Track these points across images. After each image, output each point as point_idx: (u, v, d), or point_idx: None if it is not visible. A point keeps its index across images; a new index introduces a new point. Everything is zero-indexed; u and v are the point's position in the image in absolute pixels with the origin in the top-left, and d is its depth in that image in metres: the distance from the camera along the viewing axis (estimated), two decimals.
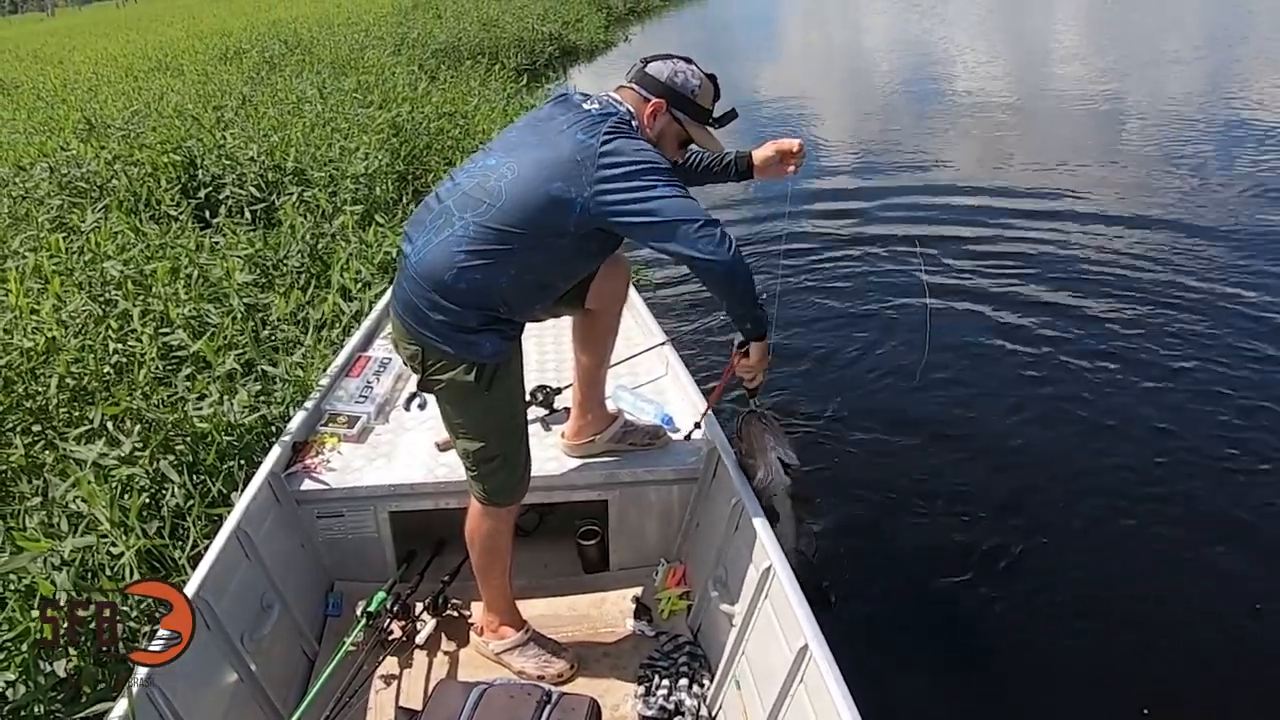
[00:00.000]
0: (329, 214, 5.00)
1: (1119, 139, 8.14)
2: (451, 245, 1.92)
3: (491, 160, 1.99)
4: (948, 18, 16.67)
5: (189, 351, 3.25)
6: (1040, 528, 3.23)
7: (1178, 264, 5.31)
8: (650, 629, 2.46)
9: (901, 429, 3.86)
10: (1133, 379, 4.14)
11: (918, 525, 3.29)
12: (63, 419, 3.07)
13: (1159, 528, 3.21)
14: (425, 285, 1.95)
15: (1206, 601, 2.90)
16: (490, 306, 1.96)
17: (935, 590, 2.98)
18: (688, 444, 2.64)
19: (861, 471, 3.59)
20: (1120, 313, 4.73)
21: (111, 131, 6.46)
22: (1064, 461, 3.62)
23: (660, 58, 2.08)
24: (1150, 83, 10.23)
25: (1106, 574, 3.04)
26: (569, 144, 1.90)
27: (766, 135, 2.45)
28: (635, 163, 1.87)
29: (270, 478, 2.45)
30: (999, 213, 6.40)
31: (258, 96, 8.20)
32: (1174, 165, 7.15)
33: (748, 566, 2.18)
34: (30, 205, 4.87)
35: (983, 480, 3.52)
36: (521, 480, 2.24)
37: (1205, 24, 14.24)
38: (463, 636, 2.47)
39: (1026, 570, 3.06)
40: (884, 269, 5.54)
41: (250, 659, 2.13)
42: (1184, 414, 3.88)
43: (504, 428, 2.15)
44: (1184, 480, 3.46)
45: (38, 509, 2.45)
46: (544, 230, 1.91)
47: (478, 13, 15.36)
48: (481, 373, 1.99)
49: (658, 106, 2.02)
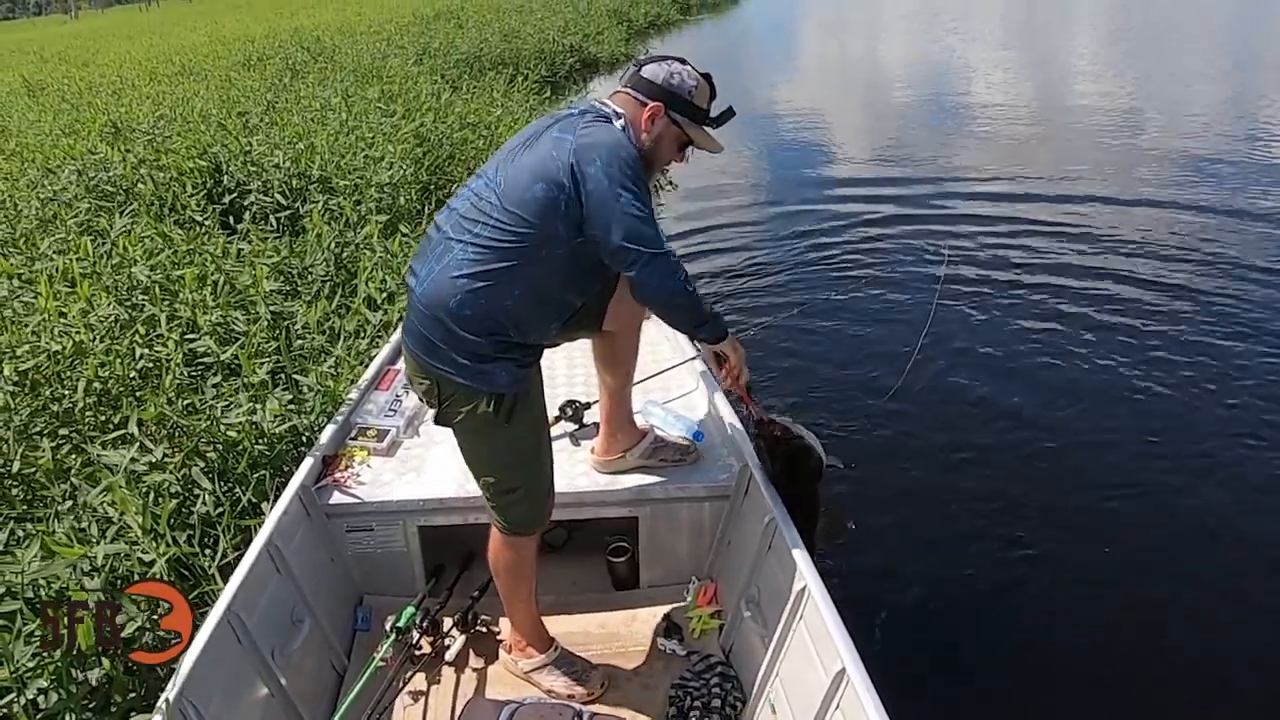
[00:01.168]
0: (354, 223, 5.00)
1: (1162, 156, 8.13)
2: (453, 271, 1.89)
3: (482, 180, 1.97)
4: (970, 35, 16.66)
5: (218, 359, 3.23)
6: (1096, 553, 3.20)
7: (1210, 280, 5.33)
8: (681, 648, 2.43)
9: (943, 445, 3.84)
10: (1185, 397, 4.13)
11: (962, 545, 3.25)
12: (89, 423, 3.07)
13: (1225, 559, 3.16)
14: (433, 316, 1.91)
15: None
16: (501, 331, 1.92)
17: (978, 614, 2.95)
18: (719, 460, 2.62)
19: (902, 488, 3.56)
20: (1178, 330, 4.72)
21: (137, 135, 6.50)
22: (1121, 482, 3.57)
23: (654, 60, 2.04)
24: (1179, 100, 10.21)
25: (1167, 603, 2.99)
26: (548, 143, 1.89)
27: (779, 144, 2.45)
28: (608, 163, 1.83)
29: (301, 491, 2.44)
30: (1016, 220, 6.51)
31: (281, 103, 8.24)
32: (1201, 186, 7.13)
33: (781, 586, 2.15)
34: (59, 208, 4.88)
35: (1031, 498, 3.49)
36: (543, 510, 2.21)
37: (1228, 41, 14.14)
38: (492, 653, 2.45)
39: (1078, 596, 3.02)
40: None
41: (281, 673, 2.11)
42: (1224, 424, 3.88)
43: (524, 460, 2.11)
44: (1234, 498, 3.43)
45: (66, 514, 2.43)
46: (539, 239, 1.87)
47: (499, 24, 15.44)
48: (500, 405, 1.95)
49: (655, 110, 1.98)
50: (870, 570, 3.03)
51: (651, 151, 2.00)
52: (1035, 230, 6.29)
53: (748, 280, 5.68)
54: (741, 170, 8.35)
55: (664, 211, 7.19)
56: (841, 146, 9.28)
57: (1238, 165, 7.57)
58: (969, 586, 3.06)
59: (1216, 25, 15.47)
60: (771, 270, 5.82)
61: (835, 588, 2.03)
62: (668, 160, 2.07)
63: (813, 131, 10.09)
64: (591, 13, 17.60)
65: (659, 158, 2.04)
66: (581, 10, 17.69)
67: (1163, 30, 14.95)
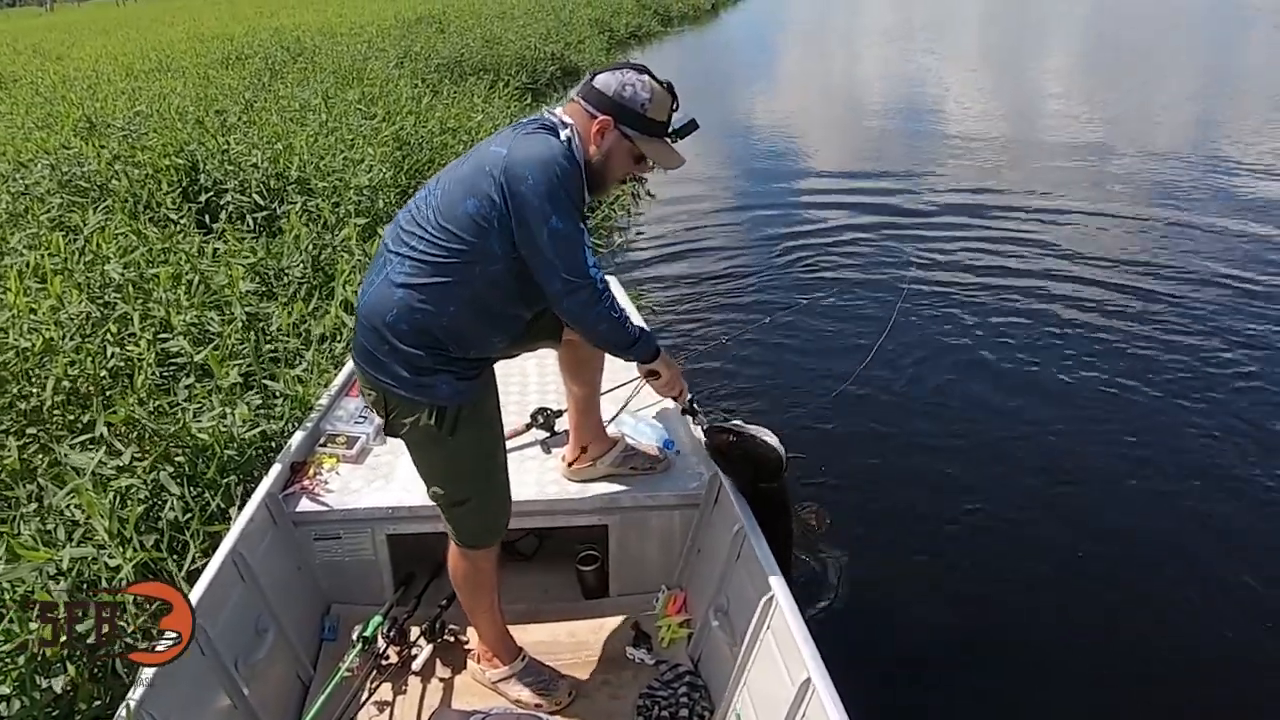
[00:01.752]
0: (332, 225, 4.98)
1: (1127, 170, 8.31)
2: (389, 284, 1.88)
3: (424, 192, 1.94)
4: (944, 54, 16.87)
5: (191, 360, 3.21)
6: (1062, 557, 3.25)
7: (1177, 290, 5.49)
8: (650, 657, 2.44)
9: (908, 450, 3.89)
10: (1146, 394, 4.28)
11: (929, 552, 3.28)
12: (57, 422, 3.03)
13: (1191, 565, 3.22)
14: (372, 328, 1.90)
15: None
16: (438, 346, 1.89)
17: (943, 623, 2.97)
18: (689, 469, 2.63)
19: (868, 493, 3.60)
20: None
21: (112, 131, 6.43)
22: (1090, 486, 3.65)
23: (610, 68, 1.95)
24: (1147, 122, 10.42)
25: (1128, 609, 3.04)
26: (483, 157, 1.85)
27: (756, 159, 2.46)
28: (538, 183, 1.77)
29: (268, 498, 2.43)
30: (982, 230, 6.71)
31: (260, 102, 8.18)
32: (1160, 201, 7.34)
33: (750, 595, 2.16)
34: (31, 202, 4.82)
35: (999, 505, 3.53)
36: (496, 523, 2.19)
37: (1199, 66, 14.43)
38: (459, 663, 2.45)
39: (1044, 601, 3.07)
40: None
41: (244, 683, 2.10)
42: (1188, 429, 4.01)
43: (472, 472, 2.09)
44: (1205, 502, 3.52)
45: (33, 516, 2.40)
46: (473, 255, 1.83)
47: (481, 29, 15.40)
48: (442, 417, 1.93)
49: (604, 124, 1.89)
50: (837, 577, 3.05)
51: (602, 165, 1.93)
52: (1000, 240, 6.47)
53: (718, 288, 5.75)
54: (713, 179, 8.42)
55: (640, 220, 7.23)
56: (813, 158, 9.41)
57: (1197, 180, 7.81)
58: (935, 593, 3.09)
59: (1189, 52, 15.77)
60: (742, 278, 5.90)
61: (804, 595, 2.06)
62: (622, 175, 2.00)
63: (786, 142, 10.20)
64: (573, 21, 17.63)
65: (611, 172, 1.96)
66: (564, 19, 17.71)
67: (1136, 56, 15.20)
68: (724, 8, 26.93)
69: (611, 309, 1.91)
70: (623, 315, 1.95)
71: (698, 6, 24.91)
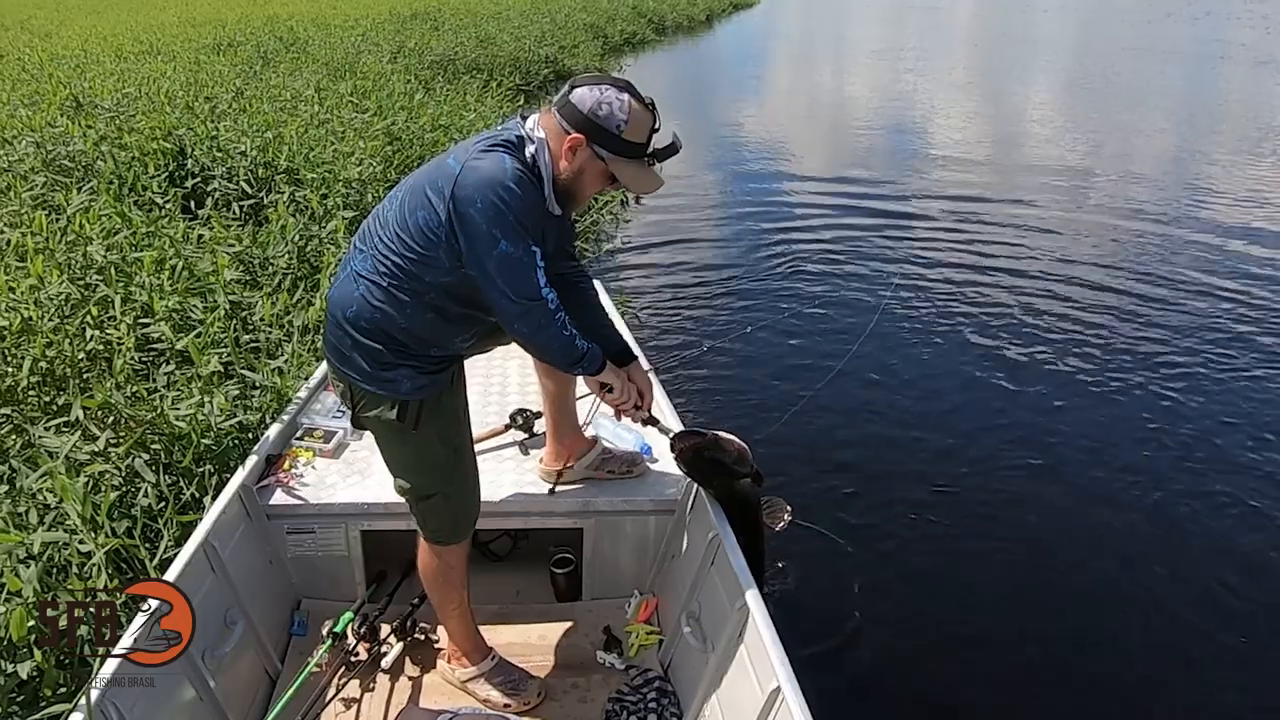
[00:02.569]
0: (319, 217, 4.96)
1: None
2: (350, 280, 1.90)
3: (394, 192, 1.94)
4: (928, 70, 17.02)
5: (171, 346, 3.19)
6: (1034, 570, 3.30)
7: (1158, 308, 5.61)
8: (620, 662, 2.44)
9: (880, 458, 3.93)
10: (1121, 406, 4.39)
11: (899, 562, 3.31)
12: (32, 404, 3.01)
13: (1172, 575, 3.27)
14: (335, 322, 1.92)
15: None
16: (397, 344, 1.90)
17: (915, 633, 3.00)
18: (666, 475, 2.64)
19: (842, 505, 3.61)
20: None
21: (100, 112, 6.38)
22: (1067, 492, 3.72)
23: (589, 81, 1.84)
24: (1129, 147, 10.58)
25: (1100, 613, 3.10)
26: (439, 171, 1.82)
27: (742, 167, 2.46)
28: (486, 207, 1.73)
29: (242, 490, 2.42)
30: (962, 243, 6.86)
31: (251, 90, 8.13)
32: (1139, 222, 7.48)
33: (723, 603, 2.17)
34: (13, 180, 4.77)
35: (971, 512, 3.59)
36: (463, 520, 2.19)
37: (1180, 94, 14.64)
38: (429, 661, 2.44)
39: (1014, 613, 3.11)
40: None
41: (210, 676, 2.08)
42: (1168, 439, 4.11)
43: (439, 467, 2.09)
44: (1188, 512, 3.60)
45: (3, 497, 2.38)
46: (423, 263, 1.82)
47: (476, 29, 15.40)
48: (405, 411, 1.94)
49: (575, 142, 1.81)
50: (809, 587, 3.08)
51: (571, 183, 1.87)
52: (982, 252, 6.63)
53: (699, 296, 5.79)
54: (701, 188, 8.45)
55: (626, 227, 7.24)
56: (799, 168, 9.48)
57: (1174, 197, 8.13)
58: (906, 602, 3.13)
59: (1172, 80, 16.01)
60: (723, 287, 5.96)
61: (776, 604, 2.07)
62: (593, 192, 1.94)
63: (773, 152, 10.28)
64: (568, 25, 17.64)
65: (581, 190, 1.90)
66: (559, 23, 17.71)
67: (1120, 84, 15.41)
68: (718, 19, 27.03)
69: (562, 328, 1.90)
70: (573, 330, 1.94)
71: (692, 17, 25.00)
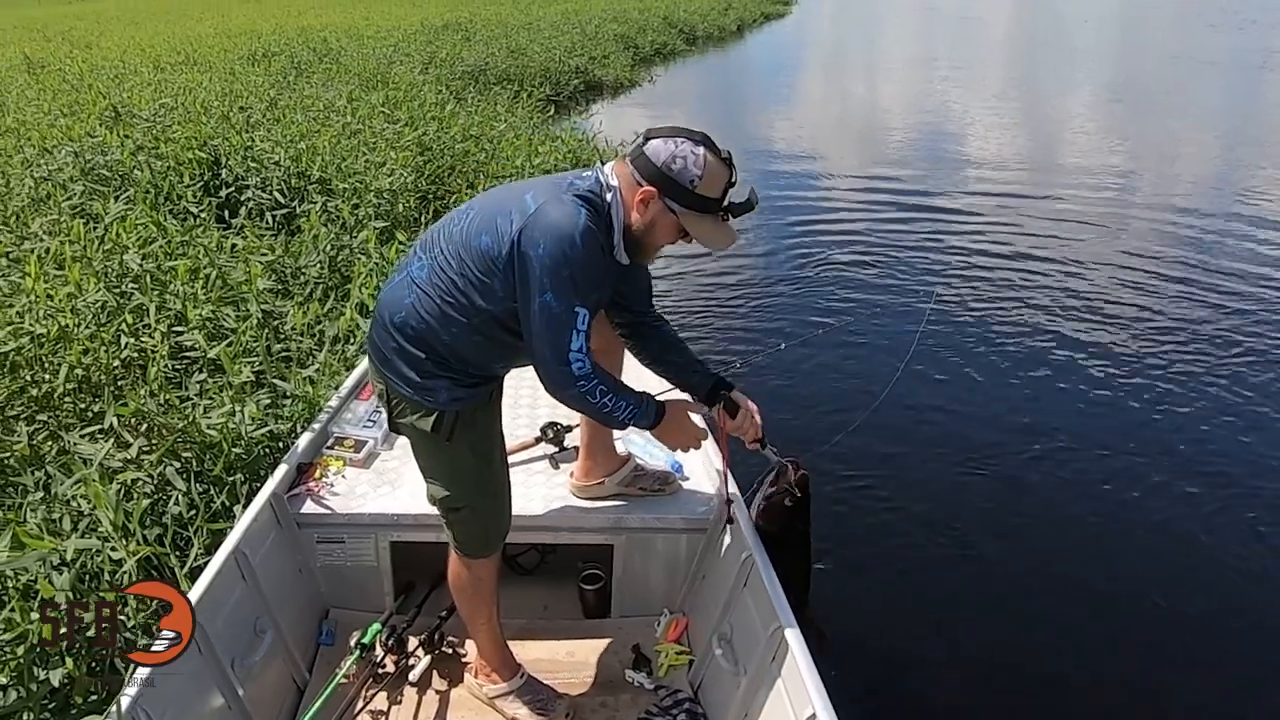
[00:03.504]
0: (351, 226, 4.99)
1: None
2: (404, 285, 1.89)
3: (464, 206, 1.95)
4: (963, 80, 16.91)
5: (204, 355, 3.21)
6: (1079, 604, 3.20)
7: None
8: (650, 681, 2.41)
9: (923, 487, 3.84)
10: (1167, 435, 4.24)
11: (942, 593, 3.24)
12: (67, 411, 3.03)
13: (1230, 614, 3.18)
14: (382, 324, 1.92)
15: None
16: (439, 356, 1.90)
17: (956, 665, 2.93)
18: (699, 493, 2.61)
19: (883, 533, 3.54)
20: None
21: (137, 122, 6.47)
22: (1115, 526, 3.61)
23: (665, 134, 1.83)
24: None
25: (1148, 651, 3.01)
26: (515, 202, 1.81)
27: (775, 178, 2.41)
28: (544, 256, 1.73)
29: (273, 498, 2.42)
30: (1003, 259, 6.66)
31: (285, 100, 8.23)
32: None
33: (756, 625, 2.14)
34: (53, 188, 4.84)
35: (1016, 544, 3.49)
36: (494, 534, 2.17)
37: (1221, 110, 14.38)
38: (457, 675, 2.42)
39: (1060, 647, 3.02)
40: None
41: (240, 684, 2.08)
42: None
43: (470, 480, 2.07)
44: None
45: (39, 504, 2.40)
46: (478, 287, 1.82)
47: (507, 40, 15.49)
48: (440, 421, 1.93)
49: (647, 195, 1.80)
50: (848, 613, 3.03)
51: (643, 234, 1.87)
52: (1025, 268, 6.44)
53: (733, 310, 5.72)
54: None
55: None
56: (833, 179, 9.36)
57: (1222, 219, 7.75)
58: (948, 634, 3.05)
59: (1212, 96, 15.73)
60: (758, 301, 5.87)
61: (811, 629, 2.03)
62: (664, 244, 1.91)
63: (806, 162, 10.15)
64: (599, 36, 17.70)
65: (652, 242, 1.89)
66: (589, 33, 17.78)
67: (1161, 93, 15.17)
68: (749, 30, 27.01)
69: (589, 395, 1.86)
70: (606, 400, 1.88)
71: (723, 27, 24.96)
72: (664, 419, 2.03)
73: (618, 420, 1.95)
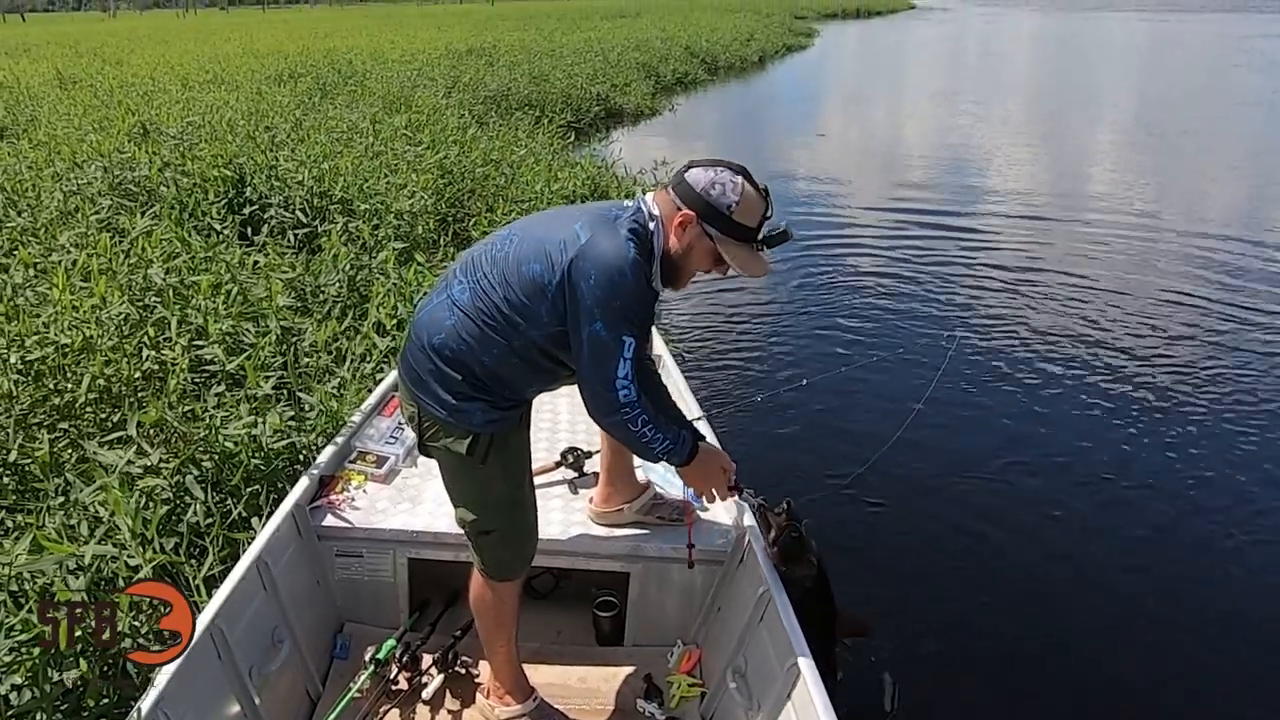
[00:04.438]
0: (370, 247, 5.03)
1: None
2: (444, 308, 1.91)
3: (505, 232, 1.98)
4: (986, 114, 16.97)
5: (223, 368, 3.23)
6: (1108, 636, 3.15)
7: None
8: (661, 713, 2.38)
9: (941, 526, 3.79)
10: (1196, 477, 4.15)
11: (964, 634, 3.19)
12: (88, 419, 3.06)
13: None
14: (419, 346, 1.93)
15: None
16: (475, 378, 1.91)
17: (974, 701, 2.89)
18: (716, 525, 2.59)
19: (904, 575, 3.50)
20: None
21: (165, 139, 6.57)
22: (1152, 567, 3.55)
23: (704, 163, 1.90)
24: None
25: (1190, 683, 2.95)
26: (565, 231, 1.85)
27: (796, 207, 2.42)
28: (596, 287, 1.78)
29: (295, 510, 2.43)
30: (1028, 292, 6.62)
31: (310, 121, 8.34)
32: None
33: (771, 660, 2.12)
34: (81, 202, 4.91)
35: (1039, 584, 3.43)
36: (520, 557, 2.18)
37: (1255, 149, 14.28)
38: (469, 696, 2.41)
39: (1088, 684, 2.96)
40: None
41: (256, 693, 2.08)
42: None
43: (500, 504, 2.08)
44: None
45: (58, 509, 2.41)
46: (523, 313, 1.86)
47: (529, 65, 15.67)
48: (475, 444, 1.94)
49: (687, 218, 1.86)
50: (864, 650, 2.96)
51: (680, 259, 1.91)
52: (1049, 301, 6.39)
53: (753, 343, 5.69)
54: None
55: None
56: (856, 210, 9.30)
57: (1254, 254, 7.65)
58: (969, 674, 3.00)
59: (1240, 133, 15.62)
60: (778, 334, 5.83)
61: (827, 666, 2.01)
62: (699, 270, 1.96)
63: (828, 193, 10.11)
64: (620, 64, 17.86)
65: (687, 267, 1.93)
66: (611, 61, 17.96)
67: (1186, 134, 15.08)
68: (771, 61, 27.19)
69: (630, 423, 1.89)
70: (645, 430, 1.91)
71: (745, 58, 25.12)
72: (694, 460, 2.04)
73: (653, 453, 1.97)
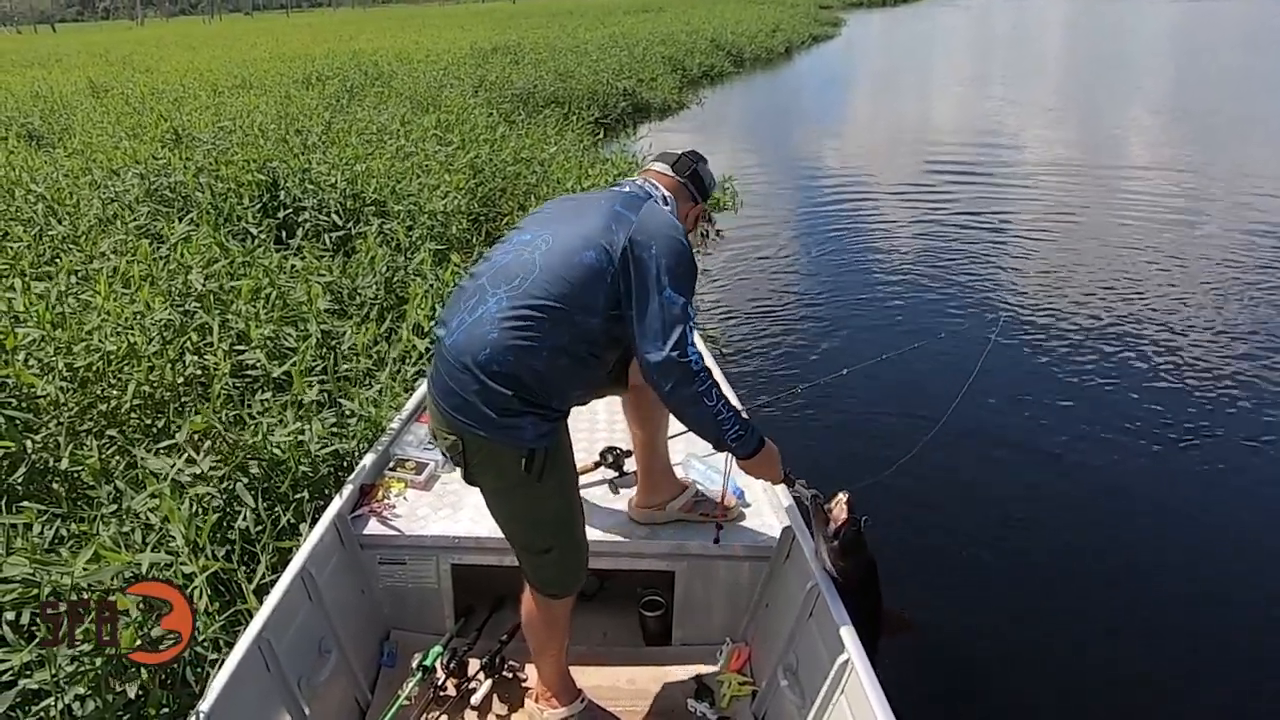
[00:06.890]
0: (406, 248, 5.05)
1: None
2: (486, 323, 1.86)
3: (526, 235, 1.96)
4: (1021, 99, 16.71)
5: (268, 374, 3.25)
6: (1159, 644, 3.08)
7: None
8: (712, 712, 2.36)
9: (990, 517, 3.75)
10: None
11: (1017, 629, 3.14)
12: (133, 426, 3.09)
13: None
14: (461, 367, 1.86)
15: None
16: (527, 389, 1.87)
17: (1032, 702, 2.85)
18: (761, 520, 2.58)
19: (953, 567, 3.45)
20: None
21: (197, 144, 6.63)
22: (1198, 556, 3.49)
23: (704, 159, 2.19)
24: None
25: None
26: (607, 215, 1.90)
27: (828, 199, 2.49)
28: (661, 254, 1.86)
29: (337, 519, 2.44)
30: (1071, 283, 6.49)
31: (339, 123, 8.38)
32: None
33: (822, 656, 2.09)
34: (120, 209, 4.96)
35: (1095, 578, 3.38)
36: (577, 571, 2.16)
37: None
38: (517, 700, 2.40)
39: (1141, 682, 2.91)
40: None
41: (305, 704, 2.09)
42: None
43: (556, 519, 2.06)
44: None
45: (111, 517, 2.44)
46: (577, 305, 1.85)
47: (555, 62, 15.66)
48: (531, 461, 1.90)
49: (700, 212, 2.19)
50: (917, 645, 2.92)
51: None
52: (1094, 293, 6.25)
53: (789, 333, 5.65)
54: (784, 220, 8.32)
55: (709, 261, 7.20)
56: (891, 201, 9.17)
57: None
58: (1024, 669, 2.96)
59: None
60: (814, 324, 5.79)
61: (880, 661, 1.98)
62: None
63: (862, 185, 9.98)
64: (646, 59, 17.82)
65: None
66: (636, 55, 17.91)
67: (1227, 118, 14.70)
68: (798, 51, 26.99)
69: (705, 396, 1.87)
70: (720, 405, 1.90)
71: (771, 49, 24.98)
72: (762, 451, 2.02)
73: (725, 433, 1.93)
